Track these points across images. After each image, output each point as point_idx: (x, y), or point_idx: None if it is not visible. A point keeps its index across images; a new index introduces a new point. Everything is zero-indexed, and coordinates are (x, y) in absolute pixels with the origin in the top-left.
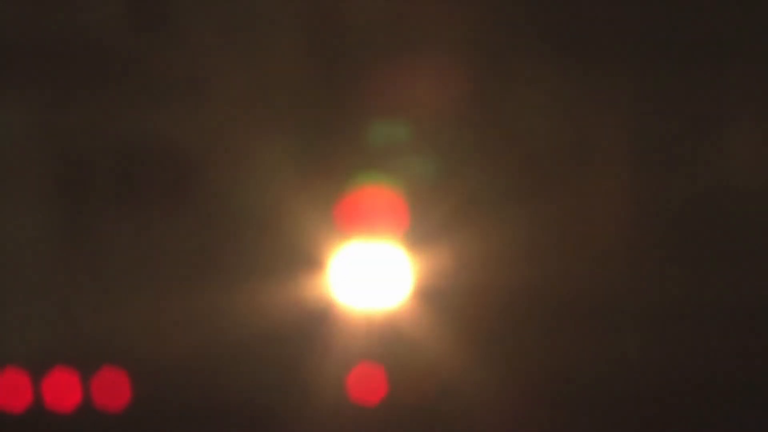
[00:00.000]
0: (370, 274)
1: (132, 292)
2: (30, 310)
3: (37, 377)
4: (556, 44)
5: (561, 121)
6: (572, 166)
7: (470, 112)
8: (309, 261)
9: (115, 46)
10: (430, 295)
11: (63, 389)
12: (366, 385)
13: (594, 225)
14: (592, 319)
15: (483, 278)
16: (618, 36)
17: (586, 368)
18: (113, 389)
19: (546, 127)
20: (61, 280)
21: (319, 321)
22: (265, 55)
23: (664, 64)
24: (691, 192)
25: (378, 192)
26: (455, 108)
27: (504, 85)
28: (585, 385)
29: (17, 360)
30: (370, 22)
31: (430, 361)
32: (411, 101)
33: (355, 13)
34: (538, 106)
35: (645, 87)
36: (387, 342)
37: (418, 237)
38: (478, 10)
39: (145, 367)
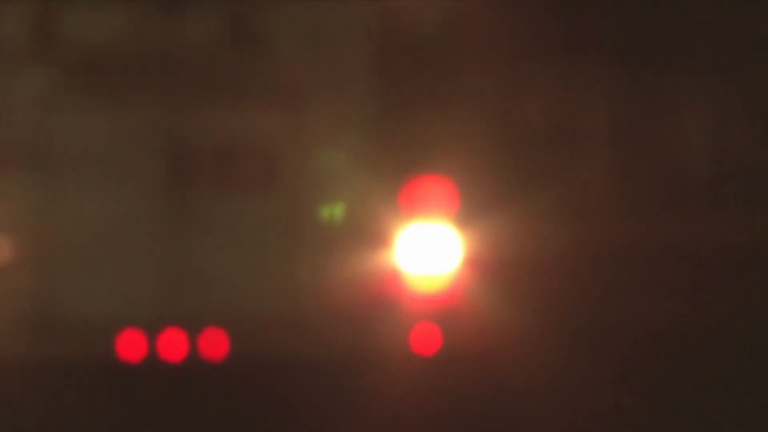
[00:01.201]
0: (429, 247)
1: (229, 262)
2: (146, 277)
3: (152, 334)
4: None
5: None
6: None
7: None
8: (378, 236)
9: (215, 57)
10: (478, 264)
11: (173, 344)
12: (425, 340)
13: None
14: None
15: (522, 249)
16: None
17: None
18: (214, 344)
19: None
20: (172, 252)
21: (386, 286)
22: (340, 65)
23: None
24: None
25: (433, 179)
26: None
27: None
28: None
29: (135, 320)
30: (431, 33)
31: (479, 319)
32: (457, 100)
33: (420, 27)
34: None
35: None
36: (441, 302)
37: (467, 216)
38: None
39: (240, 325)
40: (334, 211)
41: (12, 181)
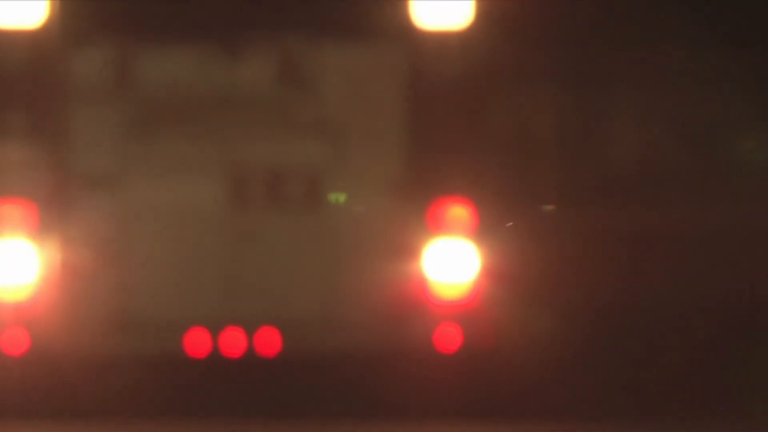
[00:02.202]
0: (451, 258)
1: (280, 269)
2: (210, 282)
3: (215, 332)
4: None
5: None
6: None
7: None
8: (408, 248)
9: (268, 95)
10: (493, 273)
11: (233, 341)
12: (447, 339)
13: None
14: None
15: (529, 260)
16: None
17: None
18: (268, 341)
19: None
20: (232, 260)
21: (414, 292)
22: (375, 102)
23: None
24: None
25: (456, 200)
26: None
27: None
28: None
29: (201, 320)
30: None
31: (495, 321)
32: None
33: (443, 69)
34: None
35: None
36: (462, 306)
37: (484, 232)
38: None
39: (290, 324)
40: (370, 226)
41: (97, 197)
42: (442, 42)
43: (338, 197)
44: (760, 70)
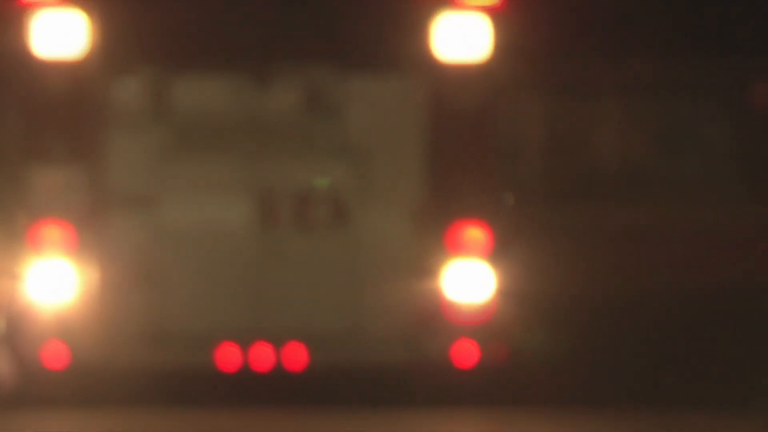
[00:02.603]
0: (468, 278)
1: (306, 286)
2: (239, 298)
3: (244, 346)
4: None
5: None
6: None
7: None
8: (427, 269)
9: (295, 121)
10: (507, 292)
11: (262, 356)
12: (464, 354)
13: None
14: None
15: (540, 282)
16: None
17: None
18: (296, 354)
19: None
20: (260, 277)
21: (433, 310)
22: (396, 128)
23: None
24: None
25: (472, 223)
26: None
27: None
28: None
29: (231, 335)
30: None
31: (509, 337)
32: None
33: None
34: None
35: None
36: (478, 323)
37: (498, 254)
38: None
39: (316, 339)
40: (392, 246)
41: (133, 218)
42: (460, 74)
43: (361, 217)
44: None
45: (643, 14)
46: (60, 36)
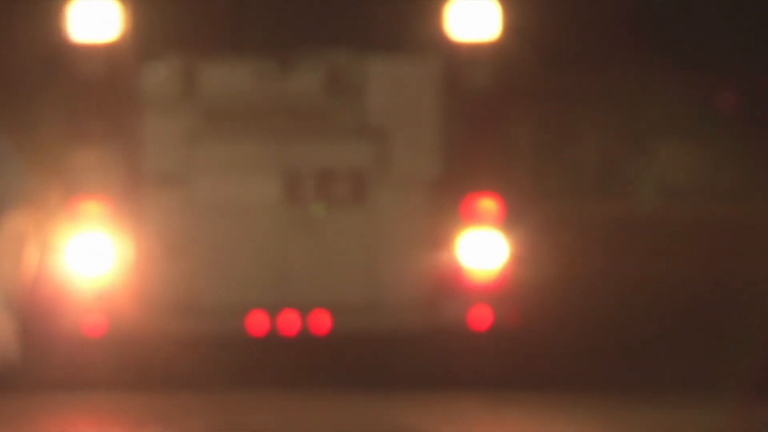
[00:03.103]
0: (482, 246)
1: (330, 258)
2: (267, 270)
3: (272, 315)
4: None
5: None
6: None
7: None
8: (444, 238)
9: (317, 102)
10: (519, 259)
11: (289, 322)
12: (479, 318)
13: None
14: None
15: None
16: None
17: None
18: (320, 321)
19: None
20: (286, 250)
21: (450, 277)
22: (414, 107)
23: None
24: None
25: (486, 194)
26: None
27: None
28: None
29: (259, 304)
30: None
31: (521, 302)
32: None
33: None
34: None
35: None
36: (491, 289)
37: (510, 222)
38: None
39: (339, 307)
40: (410, 218)
41: (166, 194)
42: (473, 53)
43: (380, 192)
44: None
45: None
46: (95, 22)
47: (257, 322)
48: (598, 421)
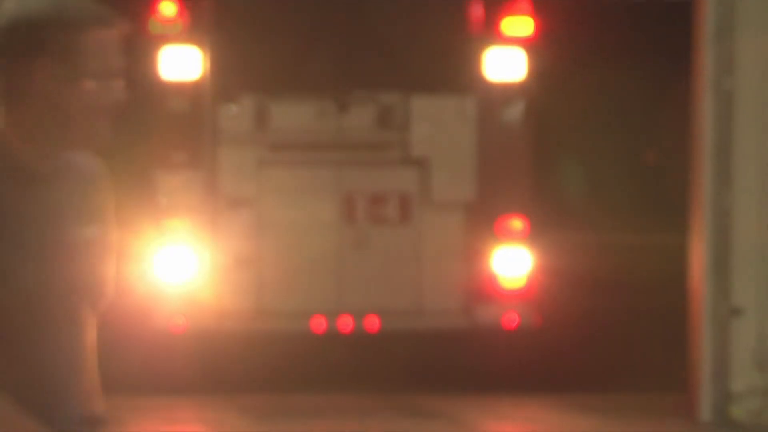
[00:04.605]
0: (512, 258)
1: (381, 270)
2: (327, 281)
3: (332, 318)
4: None
5: None
6: None
7: None
8: (480, 251)
9: (369, 136)
10: (544, 269)
11: (345, 325)
12: (509, 319)
13: None
14: None
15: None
16: None
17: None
18: (371, 324)
19: None
20: (343, 263)
21: (485, 285)
22: (453, 139)
23: None
24: None
25: (514, 215)
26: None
27: None
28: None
29: (320, 310)
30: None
31: (546, 305)
32: None
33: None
34: None
35: None
36: (519, 295)
37: (535, 240)
38: None
39: (388, 312)
40: (450, 236)
41: (240, 215)
42: (505, 91)
43: (425, 214)
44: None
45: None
46: (182, 65)
47: (318, 325)
48: (605, 414)
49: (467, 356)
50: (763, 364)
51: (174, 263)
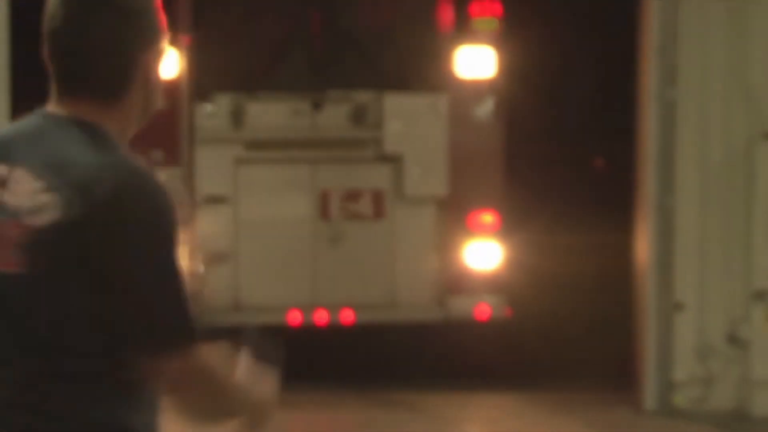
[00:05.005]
0: (483, 252)
1: (354, 266)
2: (302, 276)
3: (307, 312)
4: None
5: None
6: None
7: None
8: (452, 245)
9: (344, 134)
10: (514, 263)
11: (320, 318)
12: (482, 312)
13: None
14: None
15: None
16: None
17: None
18: (346, 318)
19: None
20: (318, 259)
21: (456, 278)
22: (424, 137)
23: None
24: None
25: (485, 210)
26: None
27: None
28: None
29: (296, 304)
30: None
31: (516, 298)
32: None
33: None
34: None
35: None
36: (490, 287)
37: (506, 233)
38: None
39: (362, 306)
40: (423, 230)
41: (216, 212)
42: (476, 88)
43: (397, 211)
44: None
45: None
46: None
47: (294, 319)
48: (556, 405)
49: (440, 348)
50: (703, 355)
51: None
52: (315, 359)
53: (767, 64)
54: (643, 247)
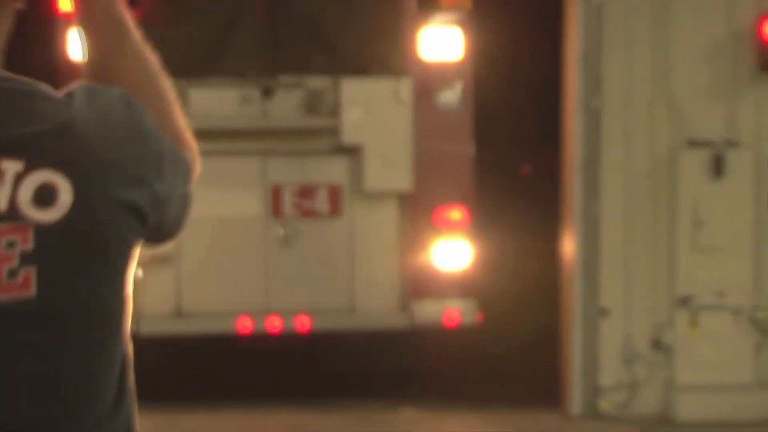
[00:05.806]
0: (451, 251)
1: (311, 267)
2: (253, 279)
3: (259, 319)
4: None
5: None
6: None
7: None
8: (419, 244)
9: (296, 123)
10: (483, 263)
11: (273, 325)
12: (450, 316)
13: None
14: None
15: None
16: None
17: None
18: (301, 324)
19: None
20: (271, 260)
21: (424, 281)
22: (385, 126)
23: None
24: None
25: (454, 206)
26: None
27: None
28: None
29: (246, 311)
30: None
31: (486, 301)
32: None
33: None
34: None
35: None
36: (460, 290)
37: (475, 230)
38: None
39: (318, 311)
40: (386, 228)
41: None
42: (442, 72)
43: (355, 207)
44: None
45: None
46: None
47: (244, 326)
48: (483, 409)
49: (405, 357)
50: (628, 360)
51: None
52: (267, 371)
53: (690, 72)
54: (569, 253)
